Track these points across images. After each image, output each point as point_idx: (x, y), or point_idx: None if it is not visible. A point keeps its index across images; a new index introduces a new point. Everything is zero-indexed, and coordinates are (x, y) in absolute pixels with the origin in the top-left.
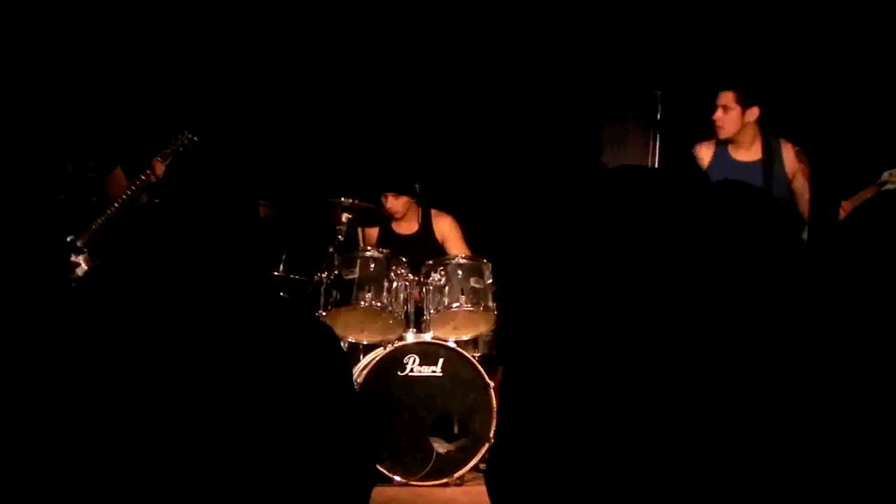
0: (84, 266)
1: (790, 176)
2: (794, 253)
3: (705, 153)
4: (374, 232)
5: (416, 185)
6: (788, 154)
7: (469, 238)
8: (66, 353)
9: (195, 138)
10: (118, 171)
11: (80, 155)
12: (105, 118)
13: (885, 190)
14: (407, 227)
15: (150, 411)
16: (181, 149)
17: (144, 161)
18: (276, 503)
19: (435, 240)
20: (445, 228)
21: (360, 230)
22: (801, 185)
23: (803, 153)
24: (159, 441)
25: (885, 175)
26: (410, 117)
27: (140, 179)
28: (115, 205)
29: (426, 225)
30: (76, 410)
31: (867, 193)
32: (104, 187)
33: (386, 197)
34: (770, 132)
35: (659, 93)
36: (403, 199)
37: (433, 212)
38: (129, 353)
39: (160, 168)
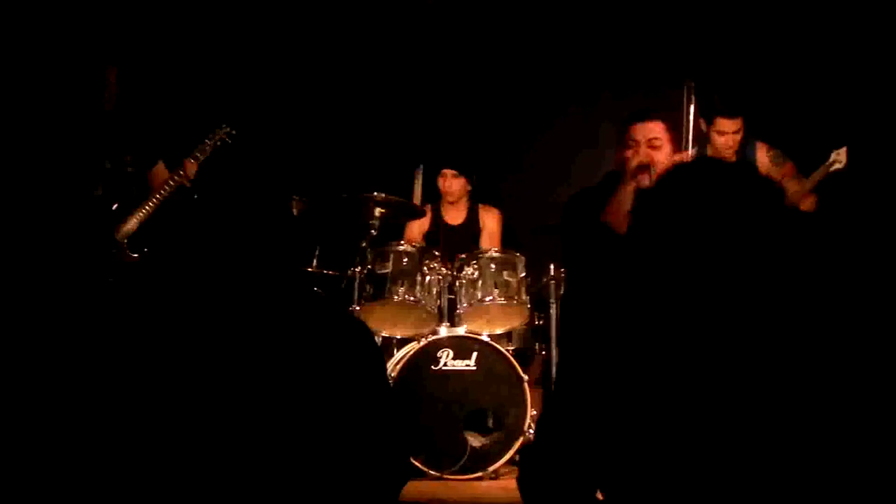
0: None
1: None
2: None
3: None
4: (417, 225)
5: (474, 176)
6: (762, 155)
7: (509, 236)
8: (100, 346)
9: (234, 132)
10: (160, 165)
11: (117, 150)
12: (142, 113)
13: (835, 171)
14: (456, 215)
15: (187, 405)
16: (220, 143)
17: (184, 155)
18: (311, 496)
19: (480, 231)
20: (489, 222)
21: (406, 224)
22: None
23: (778, 154)
24: (195, 434)
25: (833, 155)
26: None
27: (174, 179)
28: (150, 204)
29: (473, 216)
30: (115, 399)
31: (818, 174)
32: (147, 182)
33: (444, 176)
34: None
35: (693, 84)
36: (462, 181)
37: (481, 206)
38: (167, 348)
39: (192, 168)
